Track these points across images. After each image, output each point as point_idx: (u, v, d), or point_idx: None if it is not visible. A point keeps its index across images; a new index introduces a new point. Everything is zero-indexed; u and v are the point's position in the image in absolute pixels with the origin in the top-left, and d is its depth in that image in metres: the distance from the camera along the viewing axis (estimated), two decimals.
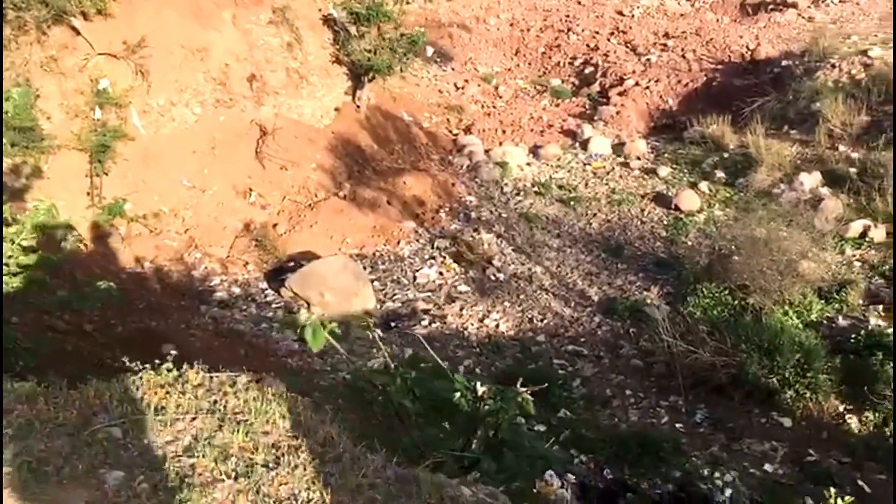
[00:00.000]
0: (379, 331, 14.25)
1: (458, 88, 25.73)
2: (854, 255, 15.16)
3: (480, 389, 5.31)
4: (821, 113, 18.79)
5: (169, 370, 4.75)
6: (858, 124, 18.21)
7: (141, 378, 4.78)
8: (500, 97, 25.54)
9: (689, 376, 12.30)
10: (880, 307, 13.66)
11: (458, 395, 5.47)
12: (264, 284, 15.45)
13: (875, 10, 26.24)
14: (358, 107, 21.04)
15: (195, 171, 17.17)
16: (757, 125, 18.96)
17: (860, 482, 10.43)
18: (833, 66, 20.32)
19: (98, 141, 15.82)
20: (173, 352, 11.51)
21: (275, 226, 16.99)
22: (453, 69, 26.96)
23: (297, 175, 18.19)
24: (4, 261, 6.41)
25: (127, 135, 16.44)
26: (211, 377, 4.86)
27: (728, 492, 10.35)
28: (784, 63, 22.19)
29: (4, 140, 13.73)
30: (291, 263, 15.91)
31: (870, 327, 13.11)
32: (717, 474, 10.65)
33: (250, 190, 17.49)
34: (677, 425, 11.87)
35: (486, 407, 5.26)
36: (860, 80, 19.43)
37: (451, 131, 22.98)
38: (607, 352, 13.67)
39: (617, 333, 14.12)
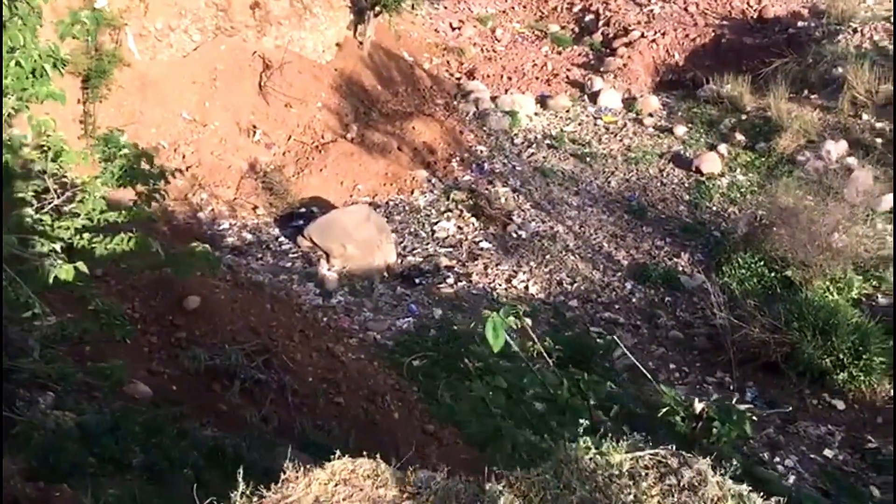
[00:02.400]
0: (403, 287, 13.50)
1: (453, 29, 24.55)
2: (886, 230, 14.77)
3: (699, 407, 4.56)
4: (844, 79, 18.26)
5: (588, 448, 3.54)
6: (884, 93, 17.75)
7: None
8: (499, 41, 24.42)
9: (737, 352, 11.82)
10: None
11: (665, 410, 4.70)
12: (276, 231, 14.42)
13: None
14: (360, 43, 19.77)
15: (195, 104, 15.87)
16: (778, 87, 18.34)
17: None
18: (855, 30, 19.79)
19: (92, 64, 14.38)
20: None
21: (282, 167, 15.85)
22: (445, 7, 25.68)
23: (303, 114, 17.00)
24: (85, 217, 5.40)
25: (122, 60, 15.02)
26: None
27: (791, 478, 9.97)
28: (800, 24, 21.56)
29: None
30: (303, 210, 14.90)
31: None
32: (776, 459, 10.25)
33: (254, 127, 16.27)
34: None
35: (713, 428, 4.49)
36: (883, 46, 18.95)
37: (452, 75, 21.89)
38: (644, 321, 13.12)
39: (651, 301, 13.56)
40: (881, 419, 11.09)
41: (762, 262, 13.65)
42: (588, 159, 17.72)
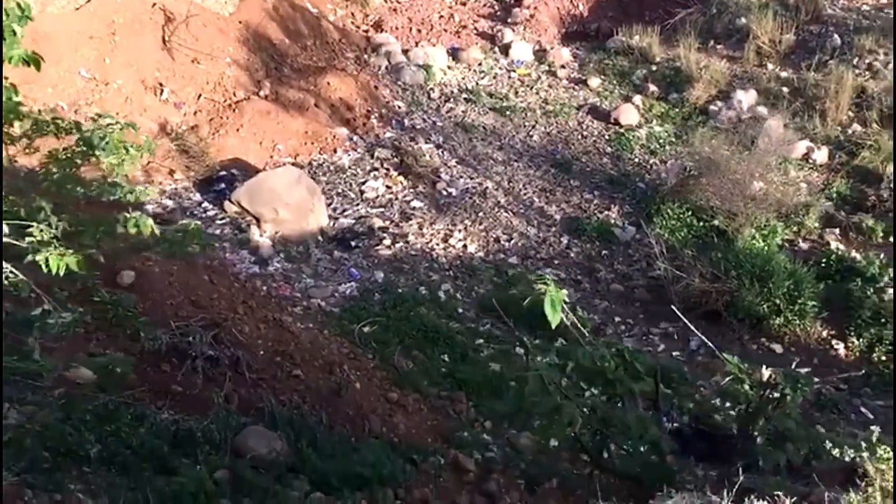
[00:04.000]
0: (339, 251, 13.06)
1: None
2: (798, 177, 15.35)
3: (766, 373, 4.48)
4: (748, 29, 18.74)
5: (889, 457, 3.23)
6: (786, 43, 18.34)
7: None
8: None
9: (679, 302, 12.03)
10: (836, 230, 13.96)
11: (729, 378, 4.61)
12: (197, 196, 13.61)
13: None
14: None
15: (94, 61, 14.69)
16: (688, 38, 18.64)
17: (863, 409, 10.68)
18: None
19: None
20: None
21: (195, 128, 14.95)
22: None
23: (212, 70, 16.03)
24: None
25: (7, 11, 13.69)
26: None
27: None
28: None
29: None
30: (223, 173, 14.12)
31: (834, 251, 13.35)
32: (727, 404, 10.52)
33: (161, 85, 15.22)
34: (674, 353, 11.66)
35: (783, 395, 4.41)
36: None
37: (358, 27, 21.15)
38: (584, 275, 13.21)
39: (589, 255, 13.65)
40: (816, 360, 11.59)
41: (690, 213, 13.95)
42: (507, 113, 17.57)
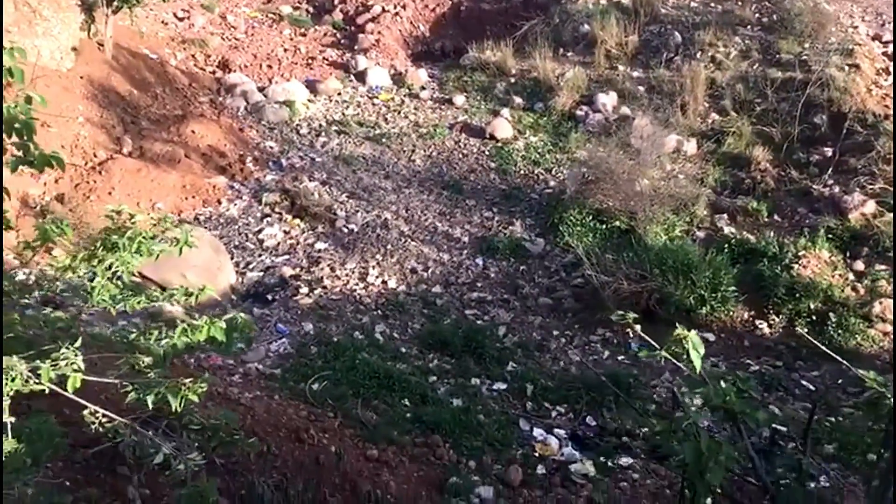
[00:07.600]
0: (258, 307, 12.25)
1: (181, 19, 22.54)
2: (675, 170, 16.05)
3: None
4: (593, 34, 19.47)
5: None
6: (632, 45, 19.22)
7: None
8: (235, 28, 22.86)
9: (613, 306, 12.21)
10: (725, 216, 14.69)
11: (870, 394, 4.54)
12: (83, 269, 12.27)
13: None
14: (101, 45, 17.41)
15: None
16: (542, 49, 19.11)
17: (803, 382, 11.24)
18: None
19: None
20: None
21: (60, 197, 13.59)
22: None
23: (65, 132, 14.63)
24: None
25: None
26: None
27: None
28: None
29: None
30: None
31: (729, 236, 14.03)
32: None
33: (12, 155, 13.69)
34: (619, 358, 11.80)
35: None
36: (618, 2, 20.45)
37: (203, 69, 20.11)
38: (510, 294, 13.11)
39: (508, 273, 13.57)
40: (747, 342, 12.12)
41: (591, 217, 14.23)
42: (383, 140, 17.26)
